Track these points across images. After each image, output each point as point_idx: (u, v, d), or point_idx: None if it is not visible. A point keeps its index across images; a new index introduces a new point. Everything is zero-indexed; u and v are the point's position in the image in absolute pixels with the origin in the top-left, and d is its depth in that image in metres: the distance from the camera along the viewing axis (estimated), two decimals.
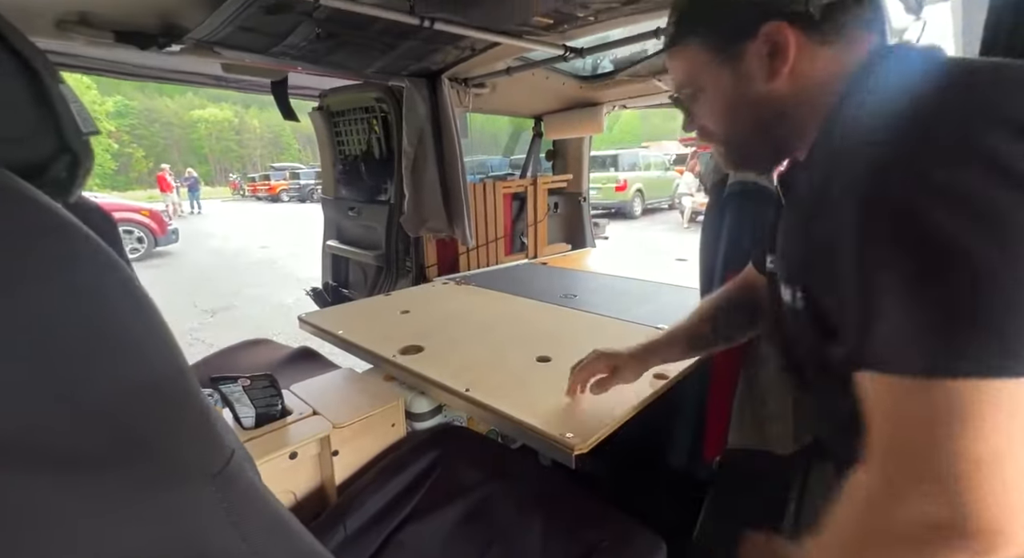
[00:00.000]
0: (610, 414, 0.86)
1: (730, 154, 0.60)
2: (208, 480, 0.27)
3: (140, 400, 0.25)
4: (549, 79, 2.16)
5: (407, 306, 1.57)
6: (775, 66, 0.50)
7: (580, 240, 2.87)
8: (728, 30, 0.53)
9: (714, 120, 0.58)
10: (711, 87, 0.56)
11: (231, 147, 36.65)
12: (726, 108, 0.56)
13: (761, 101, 0.53)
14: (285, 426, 0.95)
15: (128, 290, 0.26)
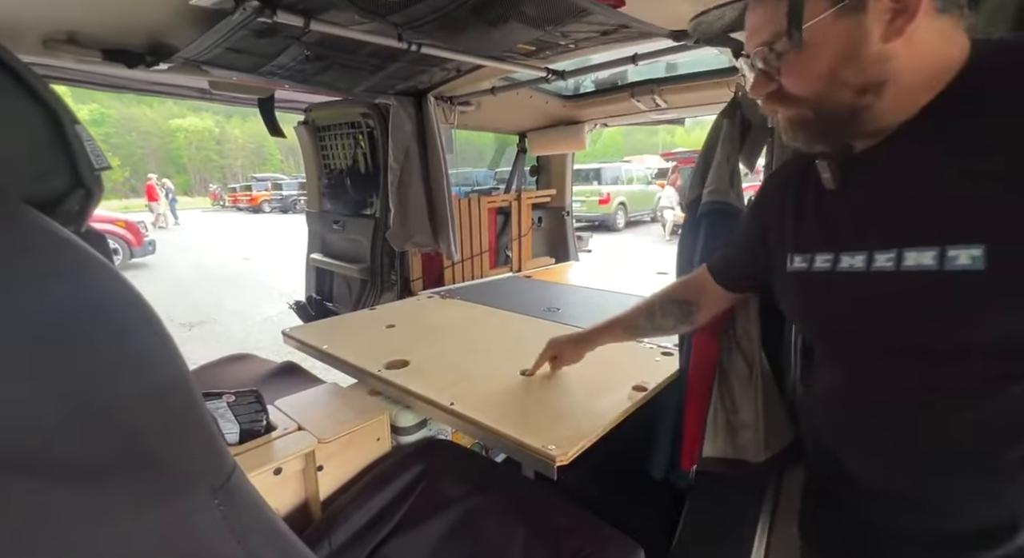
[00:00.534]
0: (591, 426, 0.89)
1: (816, 122, 0.53)
2: (211, 493, 0.28)
3: (148, 408, 0.26)
4: (533, 98, 2.23)
5: (392, 320, 1.59)
6: (898, 24, 0.45)
7: (564, 254, 2.92)
8: None
9: (810, 80, 0.51)
10: (816, 42, 0.49)
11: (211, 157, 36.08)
12: (831, 67, 0.49)
13: (872, 62, 0.47)
14: (270, 442, 0.95)
15: (133, 299, 0.27)
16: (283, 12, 0.92)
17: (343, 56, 1.26)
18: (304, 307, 2.55)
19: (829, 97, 0.51)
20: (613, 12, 0.98)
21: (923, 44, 0.47)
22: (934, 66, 0.48)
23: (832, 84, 0.50)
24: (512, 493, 0.97)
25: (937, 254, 0.46)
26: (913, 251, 0.48)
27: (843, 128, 0.53)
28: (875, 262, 0.51)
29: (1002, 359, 0.46)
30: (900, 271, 0.49)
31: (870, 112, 0.50)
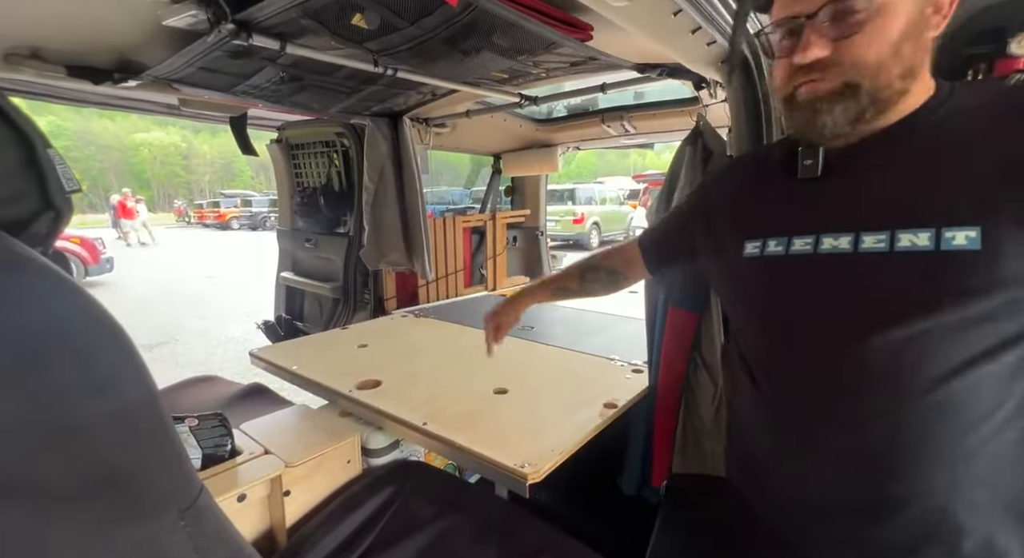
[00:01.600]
0: (563, 443, 0.90)
1: (861, 95, 0.52)
2: (179, 514, 0.28)
3: (115, 429, 0.26)
4: (507, 121, 2.29)
5: (365, 340, 1.57)
6: (938, 19, 0.50)
7: (538, 272, 2.96)
8: None
9: (875, 46, 0.50)
10: (896, 9, 0.49)
11: (177, 172, 34.97)
12: (900, 38, 0.49)
13: (924, 47, 0.50)
14: (234, 467, 0.92)
15: (102, 320, 0.27)
16: (259, 35, 0.93)
17: (319, 78, 1.27)
18: (273, 327, 2.49)
19: (884, 71, 0.50)
20: (581, 46, 1.04)
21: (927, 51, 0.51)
22: (925, 75, 0.53)
23: (894, 57, 0.50)
24: (485, 513, 0.96)
25: (933, 235, 0.48)
26: (908, 232, 0.49)
27: (883, 106, 0.52)
28: (862, 243, 0.52)
29: (989, 331, 0.48)
30: (894, 252, 0.50)
31: (901, 97, 0.52)
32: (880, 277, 0.52)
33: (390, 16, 0.88)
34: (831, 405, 0.56)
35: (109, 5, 0.92)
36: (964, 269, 0.47)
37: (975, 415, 0.49)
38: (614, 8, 0.81)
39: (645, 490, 1.22)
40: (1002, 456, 0.50)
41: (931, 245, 0.48)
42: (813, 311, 0.57)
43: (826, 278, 0.55)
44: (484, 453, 0.87)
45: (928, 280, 0.49)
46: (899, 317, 0.50)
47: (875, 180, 0.54)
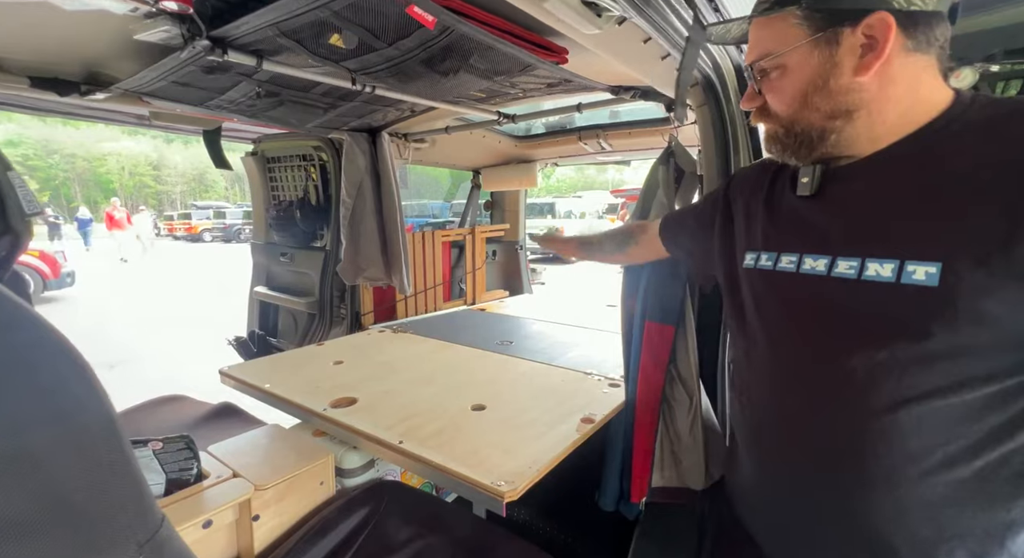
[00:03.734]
0: (540, 460, 0.90)
1: (786, 138, 0.59)
2: (137, 548, 0.28)
3: (69, 459, 0.25)
4: (486, 137, 2.32)
5: (341, 356, 1.54)
6: (867, 60, 0.51)
7: (518, 286, 2.98)
8: (831, 12, 0.51)
9: (785, 100, 0.57)
10: (795, 66, 0.55)
11: (147, 183, 33.86)
12: (804, 92, 0.55)
13: (842, 92, 0.53)
14: (200, 492, 0.88)
15: (58, 347, 0.26)
16: (234, 52, 0.93)
17: (296, 93, 1.27)
18: (245, 343, 2.41)
19: (801, 118, 0.57)
20: (557, 68, 1.07)
21: (897, 81, 0.52)
22: (909, 102, 0.52)
23: (804, 107, 0.56)
24: (462, 533, 0.95)
25: (896, 267, 0.49)
26: (875, 262, 0.51)
27: (812, 146, 0.57)
28: (836, 267, 0.54)
29: (947, 368, 0.49)
30: (861, 280, 0.52)
31: (840, 135, 0.55)
32: (846, 303, 0.54)
33: (368, 37, 0.89)
34: (803, 414, 0.59)
35: (77, 17, 0.90)
36: (916, 305, 0.48)
37: (918, 447, 0.51)
38: (587, 35, 0.84)
39: (623, 505, 1.22)
40: (950, 494, 0.51)
41: (892, 277, 0.49)
42: (789, 327, 0.60)
43: (803, 297, 0.58)
44: (460, 471, 0.86)
45: (884, 312, 0.51)
46: (860, 344, 0.52)
47: (858, 204, 0.55)
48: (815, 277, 0.56)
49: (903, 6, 0.50)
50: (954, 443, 0.50)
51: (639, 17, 0.78)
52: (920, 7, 0.50)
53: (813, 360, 0.57)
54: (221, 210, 18.87)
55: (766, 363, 0.64)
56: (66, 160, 30.62)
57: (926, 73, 0.52)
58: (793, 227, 0.61)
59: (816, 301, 0.56)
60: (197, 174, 36.32)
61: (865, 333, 0.52)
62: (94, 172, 32.16)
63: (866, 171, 0.55)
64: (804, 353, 0.58)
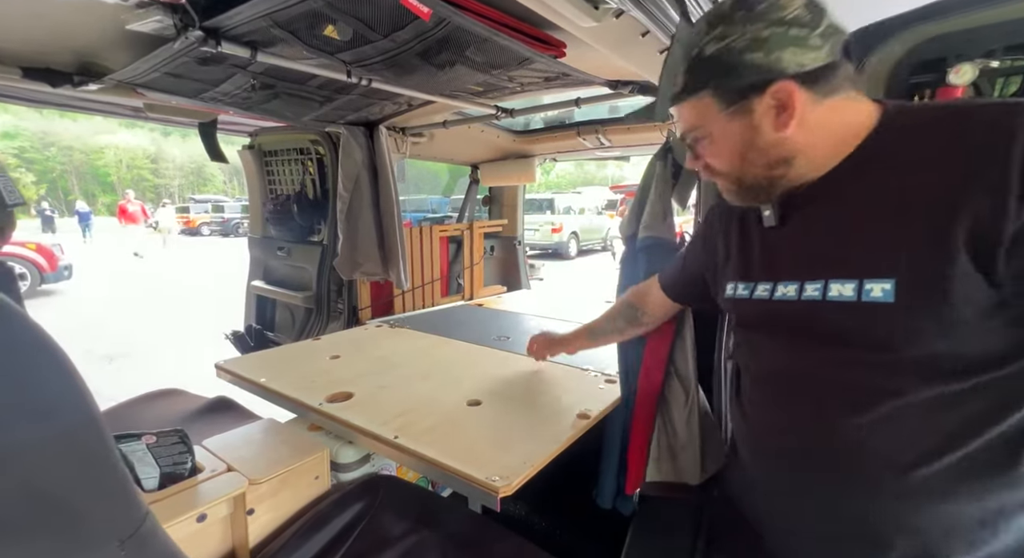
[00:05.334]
0: (536, 456, 0.90)
1: (739, 190, 0.65)
2: (119, 544, 0.27)
3: (48, 457, 0.25)
4: (484, 132, 2.30)
5: (337, 351, 1.54)
6: (783, 119, 0.56)
7: (516, 282, 2.97)
8: (737, 87, 0.57)
9: (722, 162, 0.63)
10: (720, 135, 0.61)
11: (144, 176, 33.65)
12: (736, 153, 0.61)
13: (772, 146, 0.58)
14: (194, 486, 0.88)
15: (39, 343, 0.26)
16: (228, 43, 0.92)
17: (291, 86, 1.26)
18: (242, 337, 2.41)
19: (744, 173, 0.62)
20: (554, 62, 1.06)
21: (819, 124, 0.56)
22: (838, 134, 0.57)
23: (743, 164, 0.61)
24: (457, 527, 0.95)
25: (856, 286, 0.53)
26: (837, 283, 0.55)
27: (763, 192, 0.63)
28: (805, 291, 0.58)
29: (916, 372, 0.53)
30: (827, 301, 0.56)
31: (785, 179, 0.61)
32: (817, 322, 0.58)
33: (363, 29, 0.88)
34: (796, 422, 0.64)
35: (68, 6, 0.89)
36: (879, 320, 0.53)
37: (899, 445, 0.55)
38: (585, 28, 0.83)
39: (619, 501, 1.22)
40: (936, 487, 0.53)
41: (854, 296, 0.54)
42: (774, 346, 0.66)
43: (780, 320, 0.63)
44: (455, 466, 0.86)
45: (852, 327, 0.55)
46: (834, 358, 0.58)
47: (817, 228, 0.60)
48: (787, 302, 0.61)
49: (799, 69, 0.54)
50: (932, 437, 0.53)
51: (636, 10, 0.77)
52: (813, 65, 0.54)
53: (799, 373, 0.63)
54: (219, 204, 18.78)
55: (761, 376, 0.70)
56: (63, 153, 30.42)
57: (843, 108, 0.57)
58: (764, 257, 0.66)
59: (792, 322, 0.62)
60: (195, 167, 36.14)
61: (837, 347, 0.57)
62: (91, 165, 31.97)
63: (818, 196, 0.60)
64: (791, 367, 0.64)
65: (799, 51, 0.53)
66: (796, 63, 0.54)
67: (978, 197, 0.46)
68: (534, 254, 10.32)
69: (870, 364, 0.55)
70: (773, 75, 0.54)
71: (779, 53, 0.54)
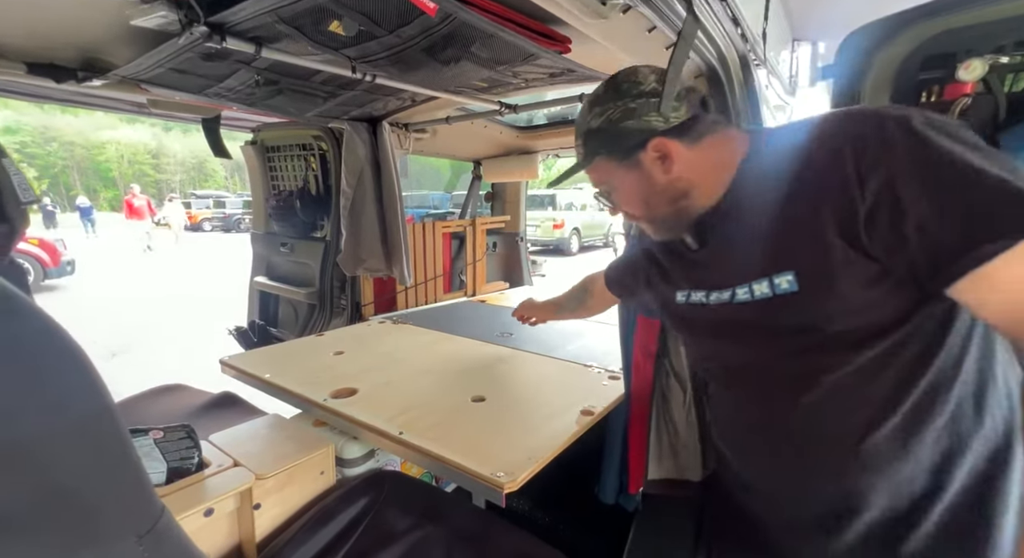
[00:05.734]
0: (540, 452, 0.91)
1: (655, 227, 0.76)
2: (137, 540, 0.27)
3: (65, 449, 0.25)
4: (487, 128, 2.30)
5: (341, 347, 1.54)
6: (667, 165, 0.67)
7: (518, 278, 2.97)
8: (624, 148, 0.68)
9: (632, 207, 0.74)
10: (622, 187, 0.73)
11: (146, 171, 33.63)
12: (640, 199, 0.72)
13: (667, 188, 0.69)
14: (201, 480, 0.89)
15: (53, 335, 0.26)
16: (233, 38, 0.91)
17: (295, 82, 1.25)
18: (246, 333, 2.42)
19: (653, 213, 0.73)
20: (560, 58, 1.06)
21: (698, 161, 0.67)
22: (719, 165, 0.67)
23: (648, 207, 0.72)
24: (461, 522, 0.95)
25: (769, 283, 0.61)
26: (757, 284, 0.63)
27: (675, 224, 0.73)
28: (736, 296, 0.66)
29: (821, 355, 0.60)
30: (755, 300, 0.64)
31: (690, 208, 0.70)
32: (748, 320, 0.66)
33: (368, 24, 0.87)
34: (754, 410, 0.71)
35: (73, 2, 0.89)
36: (792, 307, 0.60)
37: (845, 416, 0.61)
38: (591, 24, 0.83)
39: (622, 498, 1.23)
40: (886, 450, 0.59)
41: (769, 292, 0.61)
42: (718, 346, 0.75)
43: (716, 321, 0.71)
44: (460, 462, 0.87)
45: (776, 317, 0.63)
46: (770, 347, 0.66)
47: (731, 243, 0.68)
48: (721, 305, 0.69)
49: (666, 125, 0.66)
50: (870, 406, 0.59)
51: (644, 6, 0.77)
52: (677, 120, 0.66)
53: (747, 367, 0.70)
54: (221, 199, 18.79)
55: (717, 375, 0.78)
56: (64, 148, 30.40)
57: (716, 146, 0.68)
58: (694, 271, 0.75)
59: (727, 322, 0.69)
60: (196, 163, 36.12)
61: (770, 338, 0.65)
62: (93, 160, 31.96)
63: (724, 216, 0.69)
64: (740, 364, 0.71)
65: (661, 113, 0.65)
66: (662, 121, 0.65)
67: (835, 192, 0.54)
68: (536, 250, 10.30)
69: (802, 348, 0.62)
70: (647, 134, 0.66)
71: (647, 117, 0.66)
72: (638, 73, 0.69)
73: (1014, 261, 0.45)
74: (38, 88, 1.39)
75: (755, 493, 0.76)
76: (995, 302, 0.48)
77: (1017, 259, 0.45)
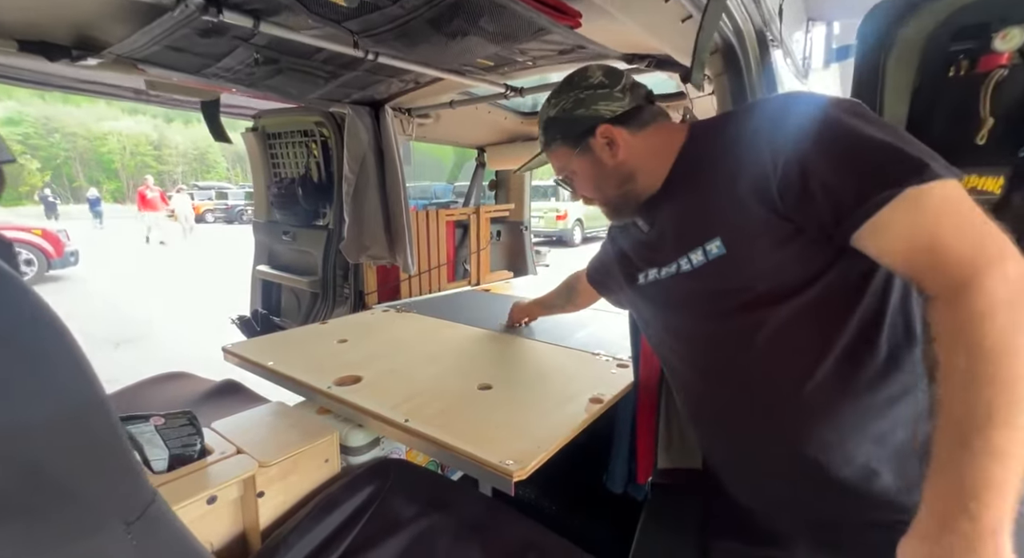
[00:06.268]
0: (549, 440, 0.88)
1: (609, 210, 0.84)
2: (125, 527, 0.25)
3: (54, 437, 0.24)
4: (491, 113, 2.25)
5: (344, 335, 1.52)
6: (614, 150, 0.76)
7: (522, 267, 2.94)
8: (576, 135, 0.77)
9: (589, 191, 0.83)
10: (579, 171, 0.81)
11: (148, 163, 33.55)
12: (594, 182, 0.81)
13: (615, 172, 0.77)
14: (204, 468, 0.87)
15: (45, 320, 0.24)
16: (230, 12, 0.88)
17: (295, 61, 1.22)
18: (248, 322, 2.41)
19: (605, 196, 0.81)
20: (570, 32, 1.02)
21: (643, 149, 0.75)
22: (660, 152, 0.75)
23: (601, 190, 0.81)
24: (468, 511, 0.94)
25: (702, 251, 0.68)
26: (693, 253, 0.70)
27: (625, 207, 0.81)
28: (682, 267, 0.73)
29: (768, 298, 0.65)
30: (694, 268, 0.71)
31: (636, 191, 0.78)
32: (694, 286, 0.72)
33: None
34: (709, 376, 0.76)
35: None
36: (724, 268, 0.67)
37: (785, 366, 0.66)
38: None
39: (631, 487, 1.21)
40: (827, 397, 0.64)
41: (703, 258, 0.69)
42: (676, 317, 0.79)
43: (671, 293, 0.78)
44: (468, 450, 0.84)
45: (709, 282, 0.70)
46: (715, 309, 0.71)
47: (672, 222, 0.75)
48: (669, 278, 0.76)
49: (612, 114, 0.75)
50: (803, 353, 0.64)
51: None
52: (622, 110, 0.75)
53: (695, 337, 0.76)
54: (223, 191, 18.77)
55: (675, 350, 0.82)
56: (67, 139, 30.36)
57: (658, 134, 0.76)
58: (648, 251, 0.81)
59: (679, 291, 0.75)
60: (198, 154, 36.03)
61: (711, 302, 0.71)
62: (95, 151, 31.92)
63: (666, 198, 0.76)
64: (690, 332, 0.77)
65: (608, 103, 0.75)
66: (609, 110, 0.75)
67: (754, 166, 0.62)
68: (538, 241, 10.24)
69: (738, 306, 0.68)
70: (596, 121, 0.75)
71: (595, 106, 0.75)
72: (588, 69, 0.78)
73: (900, 207, 0.51)
74: (36, 73, 1.36)
75: (732, 472, 0.82)
76: (890, 246, 0.54)
77: (903, 205, 0.51)
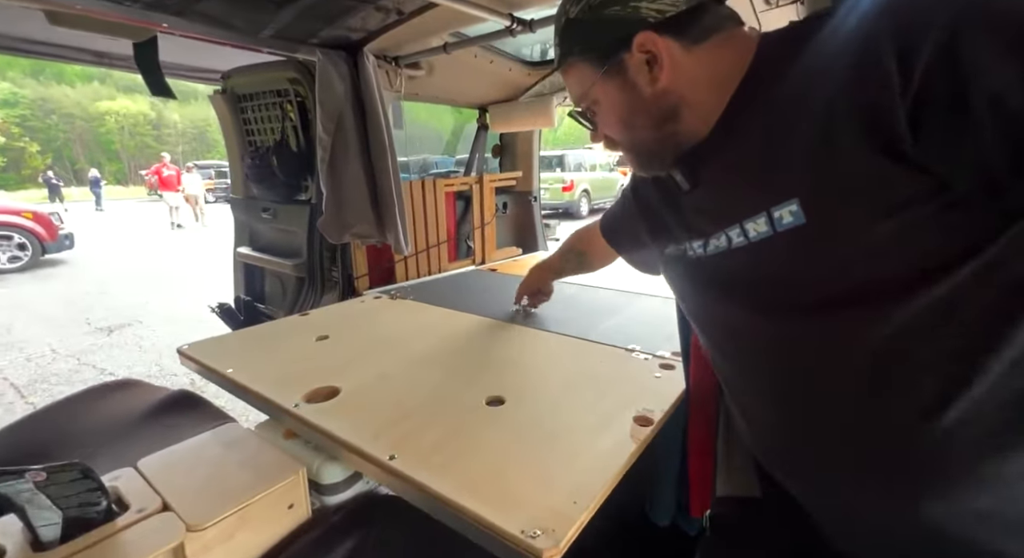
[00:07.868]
0: (586, 489, 0.63)
1: (638, 158, 0.64)
2: None
3: None
4: (494, 63, 1.93)
5: (326, 329, 1.27)
6: (656, 72, 0.54)
7: (531, 243, 2.66)
8: (604, 46, 0.56)
9: (614, 129, 0.62)
10: (604, 99, 0.60)
11: (148, 143, 33.09)
12: (622, 117, 0.60)
13: (653, 103, 0.56)
14: (113, 534, 0.63)
15: None
16: None
17: None
18: (231, 310, 2.17)
19: (637, 138, 0.61)
20: None
21: (695, 72, 0.54)
22: (718, 79, 0.54)
23: (631, 128, 0.60)
24: None
25: (767, 219, 0.49)
26: (754, 222, 0.51)
27: (662, 156, 0.61)
28: (734, 242, 0.55)
29: (851, 306, 0.45)
30: (751, 243, 0.52)
31: (678, 135, 0.58)
32: (745, 271, 0.55)
33: None
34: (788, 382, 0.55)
35: None
36: (797, 249, 0.48)
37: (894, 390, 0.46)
38: None
39: (681, 519, 0.97)
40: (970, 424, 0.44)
41: (769, 229, 0.50)
42: (714, 307, 0.62)
43: (717, 275, 0.59)
44: (476, 511, 0.60)
45: (773, 265, 0.51)
46: (777, 306, 0.52)
47: (724, 179, 0.56)
48: (718, 254, 0.58)
49: (658, 17, 0.53)
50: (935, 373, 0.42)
51: None
52: (673, 10, 0.53)
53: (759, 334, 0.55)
54: (222, 169, 18.45)
55: (727, 354, 0.63)
56: (65, 120, 29.96)
57: (718, 51, 0.54)
58: (688, 217, 0.63)
59: (726, 276, 0.58)
60: (197, 133, 35.58)
61: (780, 290, 0.51)
62: (94, 132, 31.54)
63: (716, 148, 0.57)
64: (749, 331, 0.57)
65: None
66: (654, 11, 0.53)
67: (864, 85, 0.40)
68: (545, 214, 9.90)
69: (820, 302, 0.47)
70: (634, 26, 0.54)
71: (635, 3, 0.53)
72: None
73: None
74: None
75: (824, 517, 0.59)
76: None
77: None
